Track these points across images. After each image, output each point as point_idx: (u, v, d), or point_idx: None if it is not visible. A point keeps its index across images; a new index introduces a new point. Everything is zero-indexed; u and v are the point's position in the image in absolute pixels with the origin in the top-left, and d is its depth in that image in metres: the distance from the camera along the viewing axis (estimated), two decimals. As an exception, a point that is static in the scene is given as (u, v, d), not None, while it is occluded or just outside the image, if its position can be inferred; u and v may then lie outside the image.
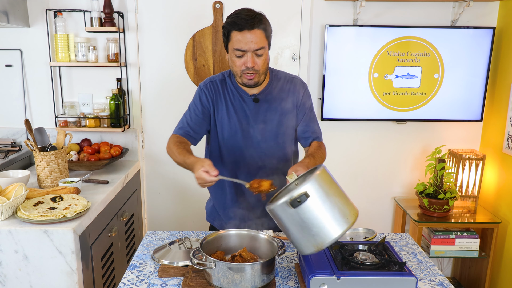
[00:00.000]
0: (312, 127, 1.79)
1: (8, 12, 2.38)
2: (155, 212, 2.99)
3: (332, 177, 1.31)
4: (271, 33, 1.65)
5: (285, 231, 1.29)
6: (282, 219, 1.27)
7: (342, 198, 1.27)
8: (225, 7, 2.68)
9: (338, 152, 2.90)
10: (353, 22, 2.69)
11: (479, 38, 2.65)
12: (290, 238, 1.29)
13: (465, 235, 2.64)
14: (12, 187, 1.87)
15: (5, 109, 2.75)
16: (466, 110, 2.76)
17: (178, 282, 1.41)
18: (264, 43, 1.59)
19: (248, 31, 1.55)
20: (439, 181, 2.63)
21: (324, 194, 1.23)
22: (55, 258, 1.78)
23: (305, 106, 1.78)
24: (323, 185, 1.24)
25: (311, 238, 1.23)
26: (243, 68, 1.60)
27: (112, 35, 2.65)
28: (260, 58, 1.60)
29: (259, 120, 1.72)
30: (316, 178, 1.24)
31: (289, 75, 1.80)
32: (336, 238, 1.22)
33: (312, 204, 1.21)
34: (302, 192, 1.20)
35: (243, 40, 1.56)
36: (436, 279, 1.46)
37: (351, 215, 1.25)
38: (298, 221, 1.23)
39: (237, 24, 1.56)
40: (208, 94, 1.74)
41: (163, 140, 2.83)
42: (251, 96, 1.71)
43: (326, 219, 1.22)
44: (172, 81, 2.78)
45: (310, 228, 1.22)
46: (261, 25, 1.58)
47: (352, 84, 2.73)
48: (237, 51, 1.58)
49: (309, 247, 1.25)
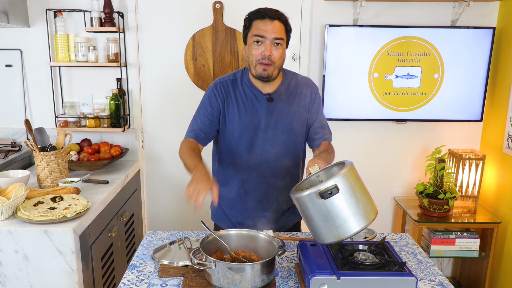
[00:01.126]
0: (324, 129, 1.81)
1: (8, 12, 2.38)
2: (155, 212, 3.00)
3: (358, 174, 1.37)
4: (290, 31, 1.67)
5: (308, 219, 1.34)
6: (308, 208, 1.31)
7: (366, 195, 1.34)
8: (225, 7, 2.68)
9: (338, 152, 2.86)
10: (353, 22, 2.69)
11: (479, 38, 2.65)
12: (311, 226, 1.34)
13: (465, 235, 2.64)
14: (12, 187, 1.87)
15: (5, 109, 2.75)
16: (466, 110, 2.76)
17: (178, 282, 1.41)
18: (283, 35, 1.62)
19: (270, 20, 1.59)
20: (439, 181, 2.63)
21: (351, 189, 1.29)
22: (55, 258, 1.78)
23: (317, 108, 1.80)
24: (351, 180, 1.31)
25: (334, 229, 1.29)
26: (259, 57, 1.61)
27: (112, 35, 2.65)
28: (278, 50, 1.62)
29: (272, 119, 1.72)
30: (346, 172, 1.30)
31: (300, 76, 1.81)
32: (357, 231, 1.28)
33: (340, 197, 1.27)
34: (333, 184, 1.26)
35: (263, 27, 1.59)
36: (436, 279, 1.46)
37: (372, 212, 1.32)
38: (324, 212, 1.29)
39: (260, 13, 1.61)
40: (218, 95, 1.73)
41: (163, 140, 2.86)
42: (266, 95, 1.71)
43: (351, 213, 1.28)
44: (172, 81, 2.78)
45: (334, 219, 1.28)
46: (282, 18, 1.62)
47: (352, 84, 2.73)
48: (256, 36, 1.60)
49: (330, 237, 1.30)
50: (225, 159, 1.79)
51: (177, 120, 2.81)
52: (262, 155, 1.74)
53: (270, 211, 1.80)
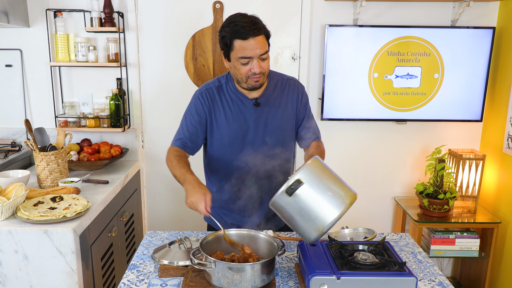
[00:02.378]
0: (312, 127, 1.79)
1: (8, 12, 2.38)
2: (155, 212, 3.00)
3: (325, 165, 1.39)
4: (270, 35, 1.65)
5: (289, 222, 1.35)
6: (283, 210, 1.33)
7: (336, 182, 1.35)
8: (225, 7, 2.68)
9: (338, 152, 2.90)
10: (353, 22, 2.69)
11: (479, 38, 2.65)
12: (294, 228, 1.35)
13: (465, 235, 2.64)
14: (12, 187, 1.87)
15: (5, 109, 2.75)
16: (466, 110, 2.76)
17: (178, 282, 1.41)
18: (267, 47, 1.61)
19: (253, 38, 1.55)
20: (439, 181, 2.63)
21: (317, 179, 1.31)
22: (55, 258, 1.78)
23: (305, 107, 1.79)
24: (316, 171, 1.33)
25: (311, 223, 1.30)
26: (249, 74, 1.60)
27: (112, 35, 2.65)
28: (265, 62, 1.61)
29: (260, 123, 1.71)
30: (308, 165, 1.33)
31: (286, 77, 1.79)
32: (334, 219, 1.28)
33: (306, 189, 1.30)
34: (295, 179, 1.29)
35: (248, 47, 1.55)
36: (436, 279, 1.46)
37: (347, 196, 1.32)
38: (297, 209, 1.30)
39: (240, 33, 1.54)
40: (204, 103, 1.72)
41: (163, 140, 2.86)
42: (252, 100, 1.70)
43: (322, 202, 1.30)
44: (172, 81, 2.78)
45: (309, 213, 1.30)
46: (262, 30, 1.58)
47: (352, 84, 2.73)
48: (242, 59, 1.57)
49: (311, 232, 1.31)
50: (215, 165, 1.79)
51: (177, 120, 2.77)
52: (252, 159, 1.73)
53: (261, 212, 1.80)
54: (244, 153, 1.73)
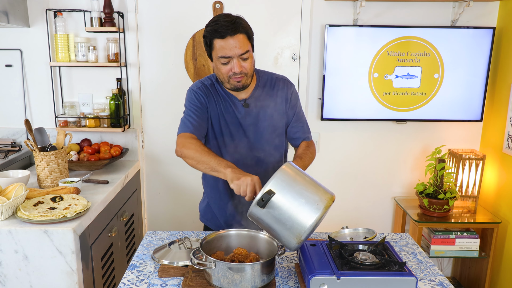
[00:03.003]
0: (302, 127, 1.79)
1: (8, 12, 2.38)
2: (155, 212, 3.00)
3: (298, 170, 1.37)
4: (253, 35, 1.63)
5: (268, 232, 1.35)
6: (260, 221, 1.33)
7: (309, 187, 1.32)
8: (225, 7, 2.68)
9: (338, 152, 2.90)
10: (353, 22, 2.69)
11: (479, 38, 2.65)
12: (275, 237, 1.35)
13: (465, 235, 2.64)
14: (12, 187, 1.87)
15: (5, 109, 2.75)
16: (466, 110, 2.76)
17: (178, 282, 1.41)
18: (248, 47, 1.59)
19: (231, 37, 1.54)
20: (439, 181, 2.63)
21: (287, 188, 1.29)
22: (55, 258, 1.78)
23: (294, 106, 1.78)
24: (286, 179, 1.31)
25: (289, 232, 1.29)
26: (230, 73, 1.59)
27: (112, 35, 2.65)
28: (246, 62, 1.59)
29: (250, 123, 1.71)
30: (277, 175, 1.31)
31: (275, 76, 1.78)
32: (311, 226, 1.26)
33: (278, 199, 1.28)
34: (265, 191, 1.28)
35: (227, 47, 1.55)
36: (436, 279, 1.46)
37: (322, 200, 1.29)
38: (272, 219, 1.29)
39: (218, 32, 1.55)
40: (203, 94, 1.71)
41: (163, 140, 2.86)
42: (241, 101, 1.70)
43: (297, 210, 1.28)
44: (172, 81, 2.78)
45: (284, 222, 1.28)
46: (242, 29, 1.56)
47: (352, 84, 2.73)
48: (222, 58, 1.57)
49: (291, 241, 1.30)
50: None
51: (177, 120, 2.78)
52: (244, 158, 1.72)
53: None
54: (235, 153, 1.72)
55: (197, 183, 2.80)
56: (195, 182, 2.86)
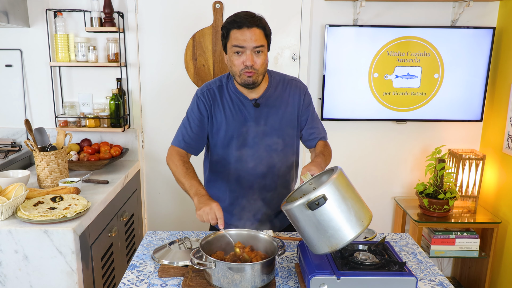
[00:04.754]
0: (317, 128, 1.78)
1: (8, 12, 2.38)
2: (155, 212, 3.00)
3: (348, 180, 1.33)
4: (270, 34, 1.64)
5: (300, 231, 1.31)
6: (298, 219, 1.29)
7: (358, 202, 1.29)
8: (225, 7, 2.68)
9: (338, 152, 2.89)
10: (353, 22, 2.70)
11: (479, 38, 2.65)
12: (304, 238, 1.32)
13: (465, 235, 2.64)
14: (12, 187, 1.87)
15: (5, 109, 2.75)
16: (466, 110, 2.76)
17: (178, 282, 1.41)
18: (263, 42, 1.59)
19: (248, 28, 1.55)
20: (439, 181, 2.63)
21: (341, 197, 1.25)
22: (55, 258, 1.78)
23: (308, 108, 1.77)
24: (341, 188, 1.26)
25: (326, 239, 1.26)
26: (242, 67, 1.59)
27: (112, 35, 2.65)
28: (259, 57, 1.59)
29: (260, 124, 1.70)
30: (334, 181, 1.26)
31: (288, 77, 1.78)
32: (350, 240, 1.24)
33: (329, 207, 1.23)
34: (320, 195, 1.22)
35: (242, 37, 1.56)
36: (436, 279, 1.46)
37: (366, 218, 1.28)
38: (315, 223, 1.25)
39: (236, 22, 1.56)
40: (205, 102, 1.71)
41: (163, 140, 2.86)
42: (251, 101, 1.70)
43: (342, 221, 1.24)
44: (172, 81, 2.78)
45: (326, 229, 1.25)
46: (260, 24, 1.58)
47: (352, 84, 2.73)
48: (236, 47, 1.57)
49: (323, 247, 1.27)
50: (216, 164, 1.78)
51: (177, 120, 2.77)
52: (252, 160, 1.72)
53: (263, 213, 1.79)
54: (244, 154, 1.72)
55: (197, 183, 2.81)
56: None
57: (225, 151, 1.74)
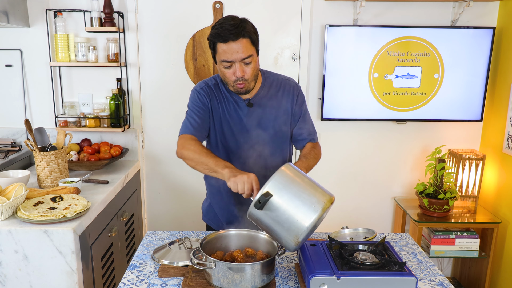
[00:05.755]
0: (307, 129, 1.78)
1: (8, 12, 2.38)
2: (155, 212, 3.00)
3: (297, 171, 1.36)
4: (257, 39, 1.62)
5: (268, 232, 1.36)
6: (259, 222, 1.34)
7: (307, 189, 1.32)
8: (225, 7, 2.68)
9: (338, 152, 2.90)
10: (353, 22, 2.69)
11: (479, 38, 2.65)
12: (273, 237, 1.36)
13: (465, 235, 2.64)
14: (12, 187, 1.87)
15: (5, 109, 2.75)
16: (466, 110, 2.76)
17: (178, 282, 1.41)
18: (251, 51, 1.57)
19: (233, 41, 1.53)
20: (439, 181, 2.63)
21: (285, 190, 1.30)
22: (55, 258, 1.78)
23: (300, 108, 1.77)
24: (284, 181, 1.31)
25: (286, 233, 1.30)
26: (233, 78, 1.59)
27: (112, 35, 2.65)
28: (249, 66, 1.58)
29: (253, 124, 1.71)
30: (274, 177, 1.31)
31: (281, 77, 1.78)
32: (308, 227, 1.27)
33: (275, 201, 1.29)
34: (262, 193, 1.29)
35: (229, 51, 1.54)
36: (436, 279, 1.46)
37: (320, 202, 1.29)
38: (271, 221, 1.30)
39: (221, 36, 1.54)
40: (206, 95, 1.71)
41: (163, 140, 2.86)
42: (245, 101, 1.70)
43: (293, 212, 1.28)
44: (172, 81, 2.78)
45: (282, 224, 1.29)
46: (245, 33, 1.55)
47: (352, 84, 2.73)
48: (224, 62, 1.57)
49: (289, 242, 1.31)
50: None
51: (177, 120, 2.78)
52: (247, 158, 1.72)
53: None
54: (239, 151, 1.72)
55: (197, 183, 2.81)
56: (195, 182, 2.86)
57: (221, 147, 1.74)
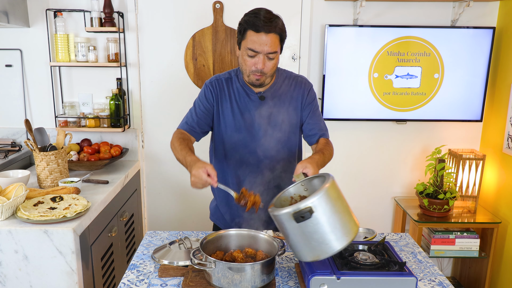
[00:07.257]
0: (319, 124, 1.79)
1: (8, 12, 2.38)
2: (155, 212, 3.00)
3: (339, 191, 1.29)
4: (285, 38, 1.66)
5: (285, 237, 1.31)
6: (283, 226, 1.28)
7: (346, 215, 1.26)
8: (225, 7, 2.68)
9: (338, 152, 2.88)
10: (353, 22, 2.69)
11: (479, 38, 2.65)
12: (288, 243, 1.31)
13: (465, 235, 2.64)
14: (12, 187, 1.87)
15: (5, 109, 2.75)
16: (466, 110, 2.76)
17: (178, 282, 1.41)
18: (277, 48, 1.61)
19: (265, 33, 1.56)
20: (439, 181, 2.63)
21: (329, 211, 1.22)
22: (55, 258, 1.78)
23: (310, 104, 1.79)
24: (329, 201, 1.22)
25: (309, 249, 1.25)
26: (252, 68, 1.61)
27: (112, 35, 2.65)
28: (271, 62, 1.61)
29: (264, 117, 1.73)
30: (323, 194, 1.21)
31: (294, 74, 1.82)
32: (333, 253, 1.23)
33: (315, 220, 1.20)
34: (307, 207, 1.19)
35: (258, 41, 1.57)
36: (436, 279, 1.46)
37: (352, 232, 1.25)
38: (297, 231, 1.24)
39: (255, 25, 1.56)
40: (212, 91, 1.75)
41: (163, 140, 2.86)
42: (257, 94, 1.73)
43: (327, 235, 1.22)
44: (172, 81, 2.78)
45: (309, 240, 1.23)
46: (277, 29, 1.59)
47: (352, 84, 2.73)
48: (250, 50, 1.59)
49: (306, 256, 1.27)
50: (220, 156, 1.81)
51: (177, 120, 2.77)
52: (256, 153, 1.75)
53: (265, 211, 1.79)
54: (248, 145, 1.74)
55: (197, 183, 2.80)
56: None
57: (229, 141, 1.76)
